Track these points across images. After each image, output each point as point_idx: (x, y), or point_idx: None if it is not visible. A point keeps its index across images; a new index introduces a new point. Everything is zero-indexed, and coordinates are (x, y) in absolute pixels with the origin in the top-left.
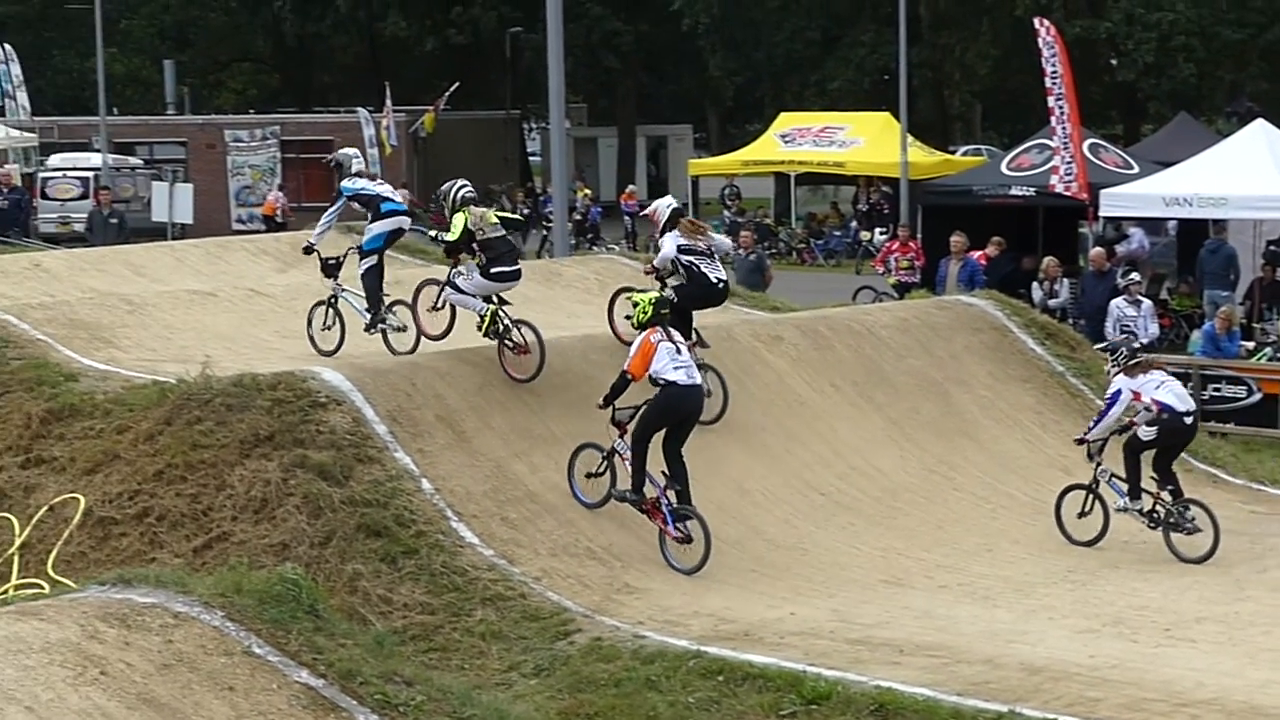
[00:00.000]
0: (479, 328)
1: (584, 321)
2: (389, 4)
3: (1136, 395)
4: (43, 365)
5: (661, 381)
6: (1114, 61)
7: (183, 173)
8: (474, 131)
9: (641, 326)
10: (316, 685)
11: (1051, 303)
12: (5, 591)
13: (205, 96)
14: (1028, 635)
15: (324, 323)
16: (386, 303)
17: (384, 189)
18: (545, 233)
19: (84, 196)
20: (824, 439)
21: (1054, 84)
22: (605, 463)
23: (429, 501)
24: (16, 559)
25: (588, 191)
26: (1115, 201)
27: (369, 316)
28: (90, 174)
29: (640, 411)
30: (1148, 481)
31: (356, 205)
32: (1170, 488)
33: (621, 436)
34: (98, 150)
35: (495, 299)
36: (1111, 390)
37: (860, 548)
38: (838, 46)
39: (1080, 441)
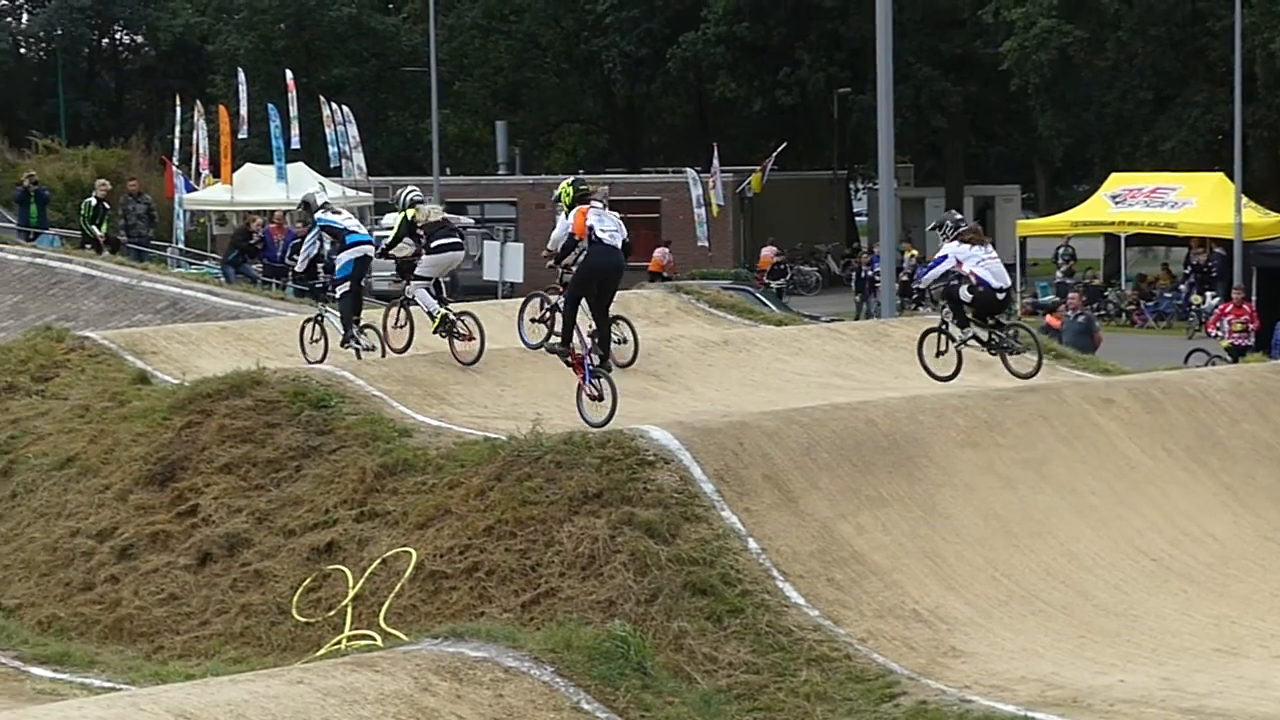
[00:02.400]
0: (433, 329)
1: (911, 383)
2: (718, 66)
3: (959, 263)
4: (377, 421)
5: (589, 237)
6: None
7: (513, 232)
8: (800, 191)
9: (570, 208)
10: None
11: None
12: (339, 643)
13: (536, 157)
14: None
15: (311, 337)
16: (360, 324)
17: (350, 222)
18: (871, 293)
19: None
20: (1155, 504)
21: None
22: (548, 313)
23: (755, 561)
24: (350, 611)
25: (915, 252)
26: None
27: (343, 334)
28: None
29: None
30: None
31: (327, 236)
32: (993, 321)
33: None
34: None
35: (444, 289)
36: (940, 253)
37: (1192, 615)
38: (1170, 106)
39: (917, 285)
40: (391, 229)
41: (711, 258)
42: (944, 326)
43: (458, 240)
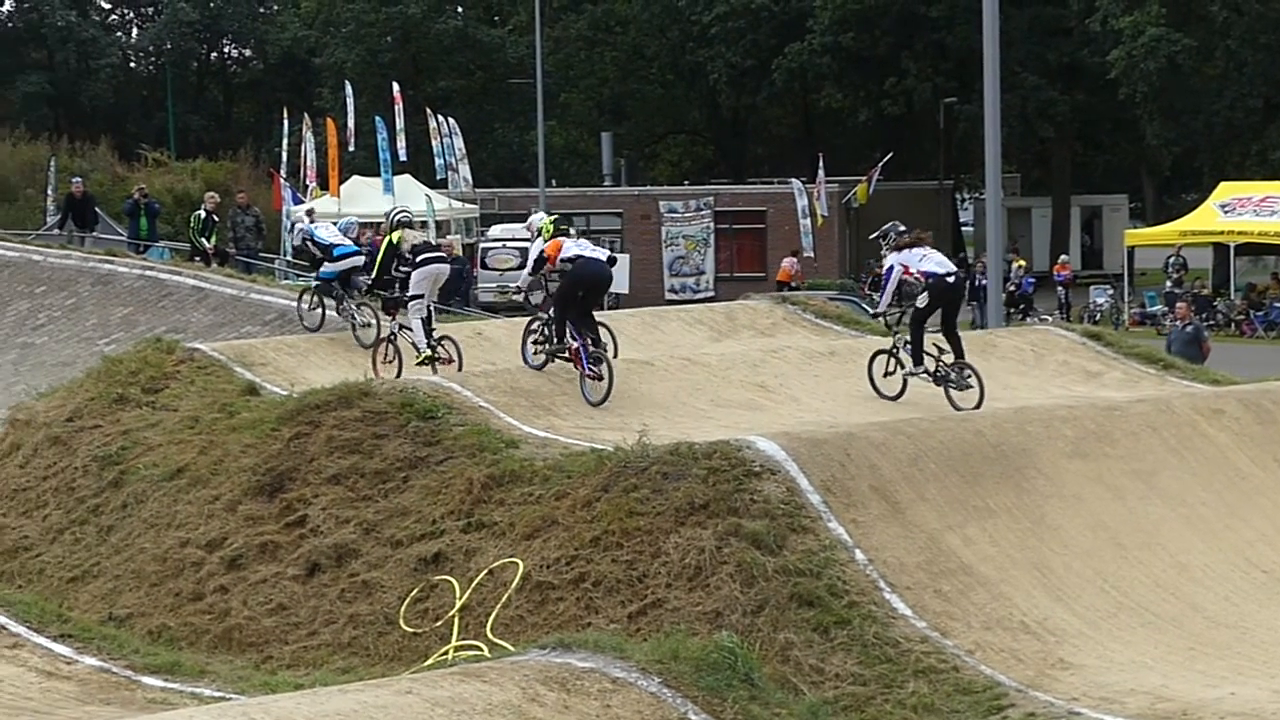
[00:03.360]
0: (417, 361)
1: (1019, 394)
2: (824, 76)
3: (906, 269)
4: (485, 432)
5: (570, 258)
6: None
7: (618, 243)
8: (906, 201)
9: (549, 239)
10: None
11: None
12: (446, 653)
13: (641, 168)
14: None
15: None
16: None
17: (336, 237)
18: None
19: (522, 266)
20: (1266, 515)
21: None
22: (545, 331)
23: (862, 572)
24: (456, 621)
25: (1022, 262)
26: None
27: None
28: (528, 245)
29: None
30: (931, 349)
31: (311, 246)
32: (952, 351)
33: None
34: None
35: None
36: (885, 266)
37: None
38: None
39: (875, 315)
40: (499, 240)
41: (817, 268)
42: (894, 351)
43: (442, 255)
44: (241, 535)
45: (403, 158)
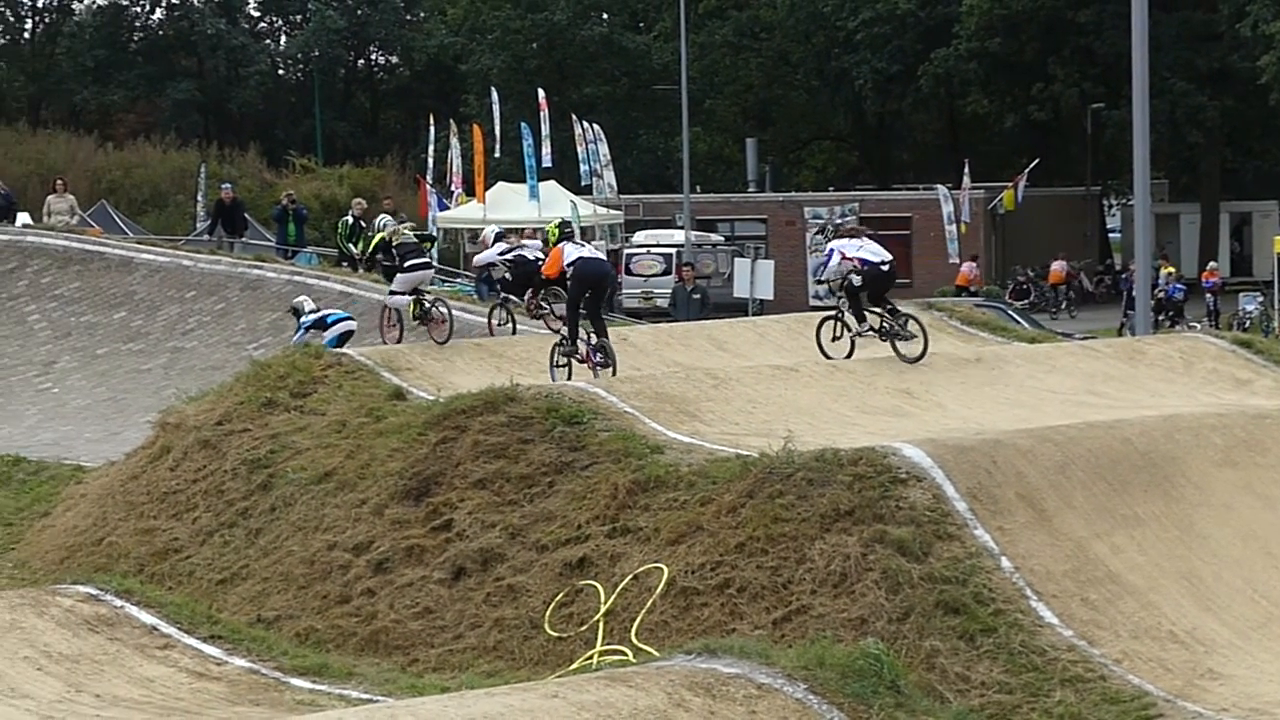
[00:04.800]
0: (412, 316)
1: (1168, 400)
2: (970, 82)
3: (843, 255)
4: (630, 437)
5: (573, 261)
6: None
7: (763, 249)
8: (1053, 208)
9: (554, 243)
10: None
11: None
12: (591, 658)
13: (786, 174)
14: None
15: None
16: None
17: (331, 313)
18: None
19: (666, 272)
20: None
21: None
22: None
23: (1008, 580)
24: (601, 626)
25: (1171, 269)
26: None
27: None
28: (673, 250)
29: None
30: (870, 312)
31: (316, 330)
32: (889, 308)
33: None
34: (680, 227)
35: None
36: (825, 250)
37: None
38: None
39: (817, 282)
40: (644, 246)
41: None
42: (839, 314)
43: (427, 261)
44: (388, 539)
45: (547, 164)
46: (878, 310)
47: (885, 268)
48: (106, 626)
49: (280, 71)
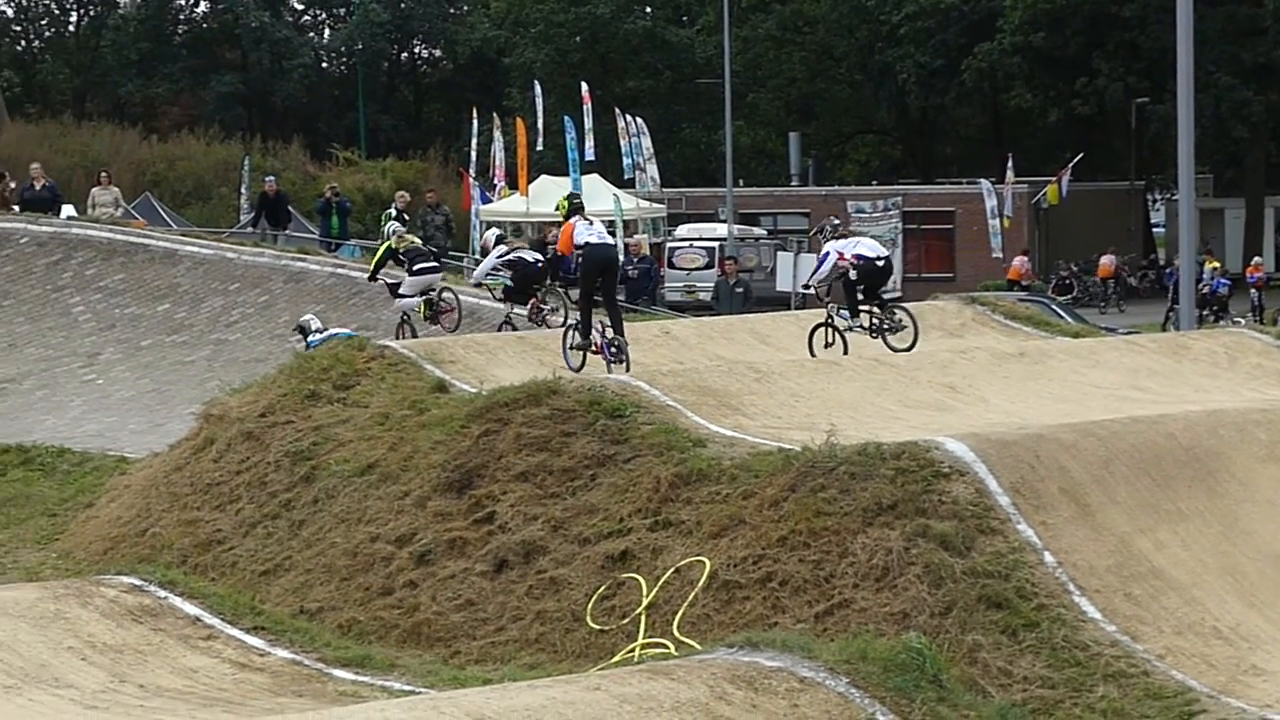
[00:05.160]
0: (422, 317)
1: (1212, 396)
2: (1014, 76)
3: (841, 256)
4: (672, 430)
5: (581, 246)
6: None
7: (806, 243)
8: (1096, 202)
9: (565, 218)
10: None
11: None
12: (633, 651)
13: (829, 168)
14: None
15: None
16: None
17: (338, 331)
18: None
19: (709, 266)
20: None
21: None
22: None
23: (1051, 575)
24: (643, 619)
25: (1216, 264)
26: None
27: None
28: (715, 244)
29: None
30: (863, 310)
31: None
32: (878, 303)
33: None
34: (723, 221)
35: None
36: (823, 253)
37: None
38: None
39: (807, 287)
40: (686, 240)
41: (1006, 269)
42: (830, 321)
43: (435, 265)
44: (430, 531)
45: (590, 157)
46: (869, 308)
47: (881, 263)
48: (150, 617)
49: (324, 64)
